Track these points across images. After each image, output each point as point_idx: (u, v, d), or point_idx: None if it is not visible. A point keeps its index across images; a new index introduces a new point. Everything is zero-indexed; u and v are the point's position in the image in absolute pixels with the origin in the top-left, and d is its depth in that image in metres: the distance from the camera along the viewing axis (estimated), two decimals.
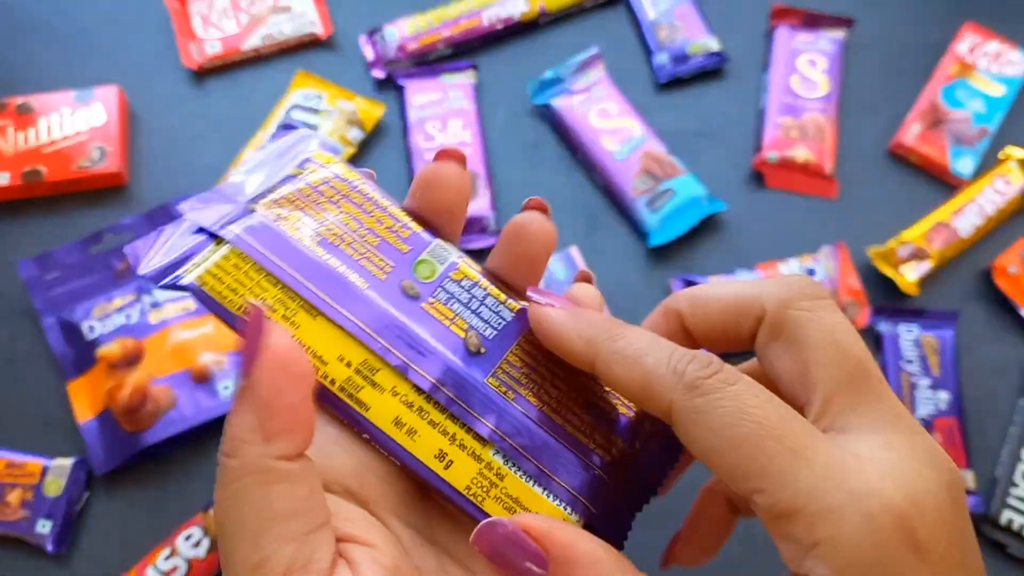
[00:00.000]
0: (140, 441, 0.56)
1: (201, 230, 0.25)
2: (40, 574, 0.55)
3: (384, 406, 0.23)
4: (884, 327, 0.62)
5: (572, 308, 0.24)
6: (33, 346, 0.61)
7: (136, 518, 0.57)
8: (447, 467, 0.23)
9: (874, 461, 0.19)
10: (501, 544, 0.21)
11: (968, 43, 0.71)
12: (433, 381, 0.24)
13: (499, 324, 0.25)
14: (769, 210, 0.67)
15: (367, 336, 0.24)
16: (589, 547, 0.21)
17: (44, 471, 0.56)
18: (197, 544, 0.54)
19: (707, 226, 0.66)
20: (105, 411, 0.58)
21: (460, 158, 0.26)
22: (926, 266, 0.63)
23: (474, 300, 0.25)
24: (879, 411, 0.21)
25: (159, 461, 0.58)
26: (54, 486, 0.56)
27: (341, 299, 0.24)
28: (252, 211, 0.25)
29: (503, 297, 0.26)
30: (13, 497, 0.56)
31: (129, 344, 0.59)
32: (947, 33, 0.73)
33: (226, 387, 0.58)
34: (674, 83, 0.71)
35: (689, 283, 0.63)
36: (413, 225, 0.26)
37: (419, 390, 0.24)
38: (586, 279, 0.27)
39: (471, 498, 0.23)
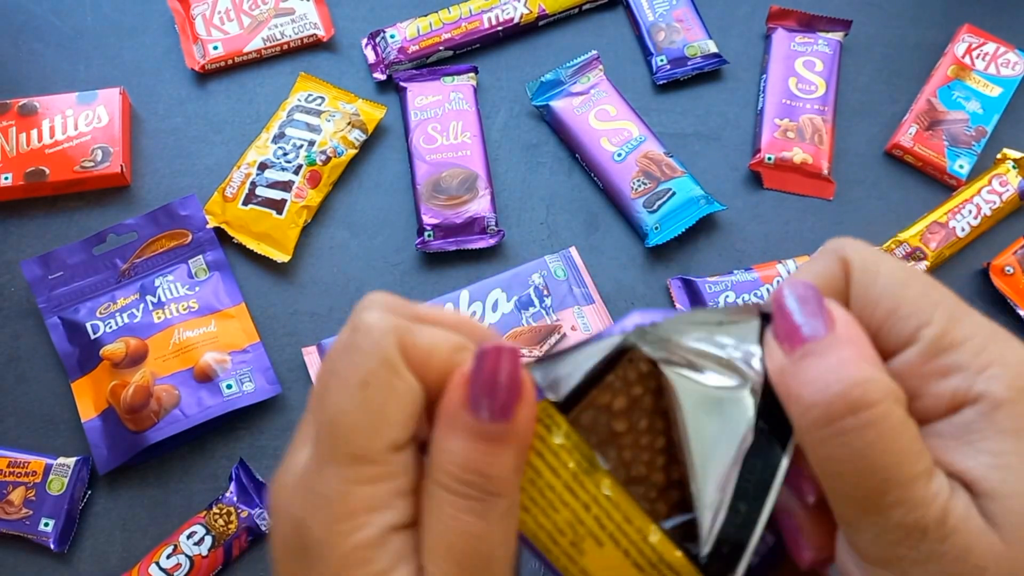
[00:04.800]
0: (143, 440, 0.57)
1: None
2: (43, 572, 0.56)
3: None
4: None
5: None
6: (36, 345, 0.62)
7: (139, 516, 0.57)
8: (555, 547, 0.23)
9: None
10: (800, 293, 0.22)
11: (965, 45, 0.72)
12: None
13: None
14: (766, 211, 0.68)
15: (650, 568, 0.22)
16: (867, 346, 0.21)
17: (47, 470, 0.57)
18: (200, 542, 0.54)
19: (705, 227, 0.66)
20: (108, 410, 0.58)
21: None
22: (923, 266, 0.64)
23: None
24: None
25: (162, 460, 0.59)
26: (57, 484, 0.56)
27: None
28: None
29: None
30: (16, 495, 0.56)
31: (132, 343, 0.59)
32: (944, 35, 0.74)
33: (229, 386, 0.59)
34: (672, 85, 0.72)
35: (687, 283, 0.64)
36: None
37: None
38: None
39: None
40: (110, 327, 0.60)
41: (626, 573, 0.22)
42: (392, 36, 0.71)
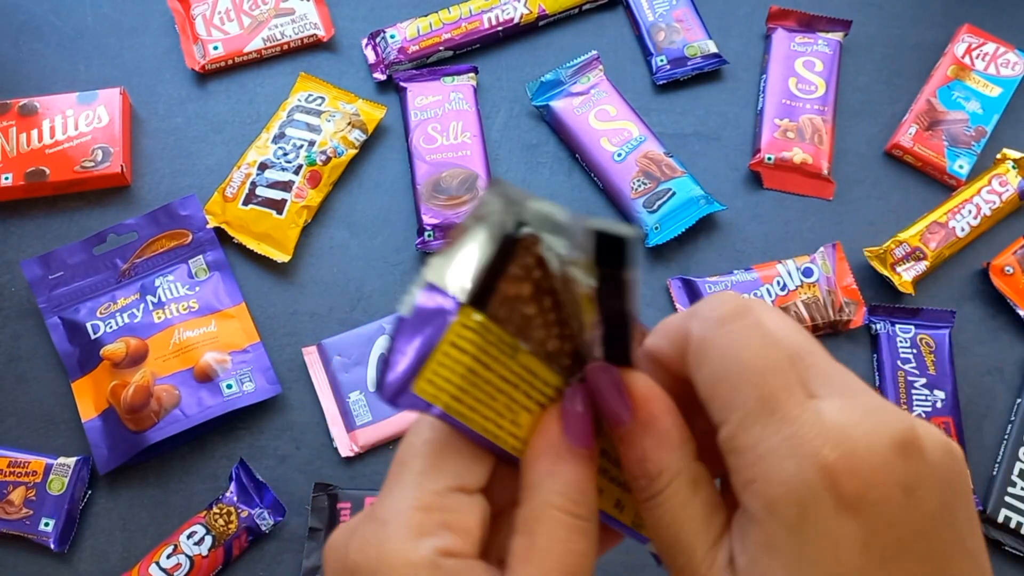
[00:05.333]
0: (143, 440, 0.57)
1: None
2: (43, 572, 0.56)
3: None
4: (880, 327, 0.63)
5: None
6: (37, 345, 0.62)
7: (139, 516, 0.57)
8: (622, 511, 0.26)
9: (822, 417, 0.21)
10: (604, 385, 0.24)
11: (965, 45, 0.72)
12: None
13: None
14: (766, 211, 0.68)
15: None
16: (669, 424, 0.24)
17: (47, 469, 0.57)
18: (200, 542, 0.55)
19: (705, 227, 0.66)
20: (108, 410, 0.58)
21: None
22: (922, 266, 0.64)
23: None
24: (832, 386, 0.22)
25: (162, 460, 0.59)
26: (57, 484, 0.56)
27: None
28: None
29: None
30: (16, 495, 0.56)
31: (133, 343, 0.60)
32: (944, 35, 0.74)
33: (229, 386, 0.59)
34: (672, 85, 0.72)
35: (687, 283, 0.64)
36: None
37: (605, 453, 0.26)
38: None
39: (637, 529, 0.26)
40: (110, 327, 0.60)
41: None
42: (392, 36, 0.71)
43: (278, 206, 0.64)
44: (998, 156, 0.68)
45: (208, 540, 0.55)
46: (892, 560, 0.20)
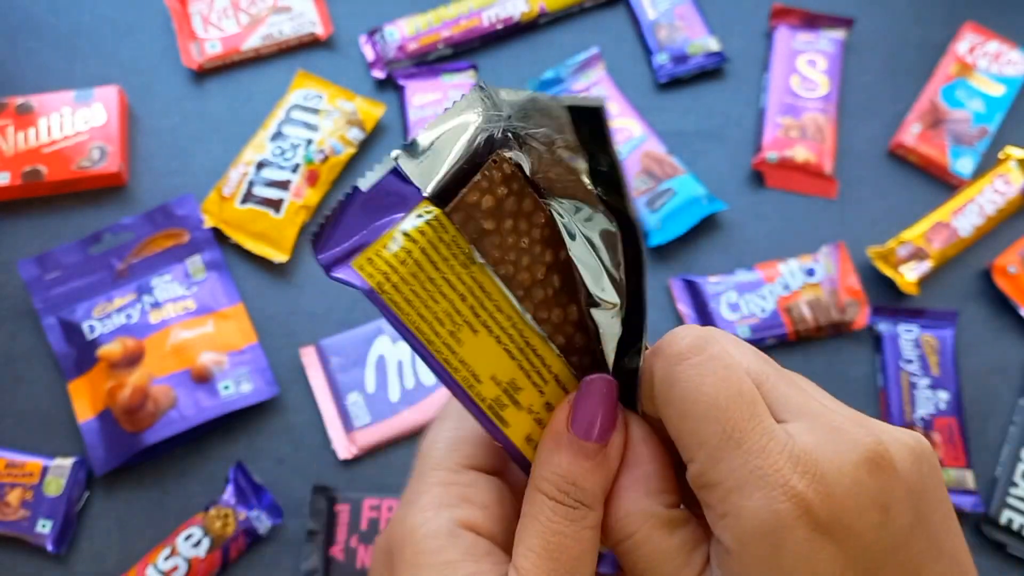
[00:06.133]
0: (140, 441, 0.56)
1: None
2: (40, 574, 0.55)
3: (521, 424, 0.25)
4: (884, 327, 0.62)
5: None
6: (33, 346, 0.61)
7: (136, 518, 0.57)
8: None
9: (788, 444, 0.21)
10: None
11: (968, 43, 0.71)
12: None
13: None
14: (769, 210, 0.67)
15: (519, 353, 0.24)
16: (648, 471, 0.24)
17: (44, 471, 0.56)
18: (197, 544, 0.54)
19: (707, 226, 0.66)
20: (105, 411, 0.58)
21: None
22: (926, 266, 0.63)
23: None
24: (795, 409, 0.22)
25: (159, 461, 0.58)
26: (54, 486, 0.56)
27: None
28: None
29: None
30: (13, 497, 0.56)
31: (129, 344, 0.59)
32: (947, 33, 0.73)
33: (226, 387, 0.58)
34: (674, 83, 0.71)
35: (689, 283, 0.63)
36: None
37: (550, 407, 0.25)
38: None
39: None
40: (107, 327, 0.60)
41: (499, 359, 0.24)
42: (391, 34, 0.71)
43: (276, 205, 0.64)
44: (1001, 155, 0.67)
45: (205, 542, 0.54)
46: None
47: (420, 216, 0.23)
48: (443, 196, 0.23)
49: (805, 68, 0.70)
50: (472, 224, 0.23)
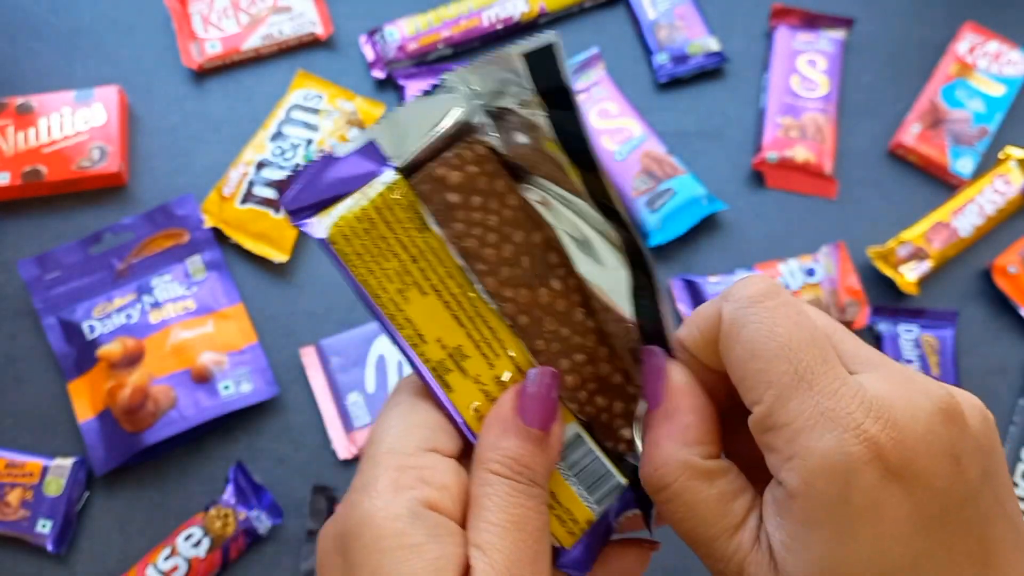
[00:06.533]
0: (140, 441, 0.56)
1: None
2: (40, 574, 0.55)
3: (467, 392, 0.25)
4: (884, 327, 0.62)
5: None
6: (33, 346, 0.61)
7: (136, 518, 0.57)
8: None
9: (860, 390, 0.21)
10: (649, 368, 0.25)
11: (968, 43, 0.71)
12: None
13: None
14: (769, 210, 0.67)
15: (468, 322, 0.25)
16: (690, 420, 0.24)
17: (44, 471, 0.56)
18: (197, 544, 0.54)
19: (707, 226, 0.66)
20: (105, 411, 0.58)
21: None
22: (926, 266, 0.63)
23: None
24: (865, 362, 0.22)
25: (159, 461, 0.58)
26: (54, 486, 0.56)
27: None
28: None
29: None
30: (13, 497, 0.56)
31: (129, 344, 0.59)
32: (947, 33, 0.73)
33: (226, 387, 0.58)
34: (674, 83, 0.71)
35: (689, 283, 0.63)
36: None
37: (500, 382, 0.26)
38: None
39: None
40: (107, 327, 0.60)
41: (446, 324, 0.25)
42: (391, 34, 0.71)
43: (276, 205, 0.64)
44: (1001, 155, 0.67)
45: (205, 542, 0.54)
46: (938, 528, 0.20)
47: (383, 183, 0.25)
48: (413, 169, 0.25)
49: (805, 68, 0.70)
50: (438, 196, 0.25)
